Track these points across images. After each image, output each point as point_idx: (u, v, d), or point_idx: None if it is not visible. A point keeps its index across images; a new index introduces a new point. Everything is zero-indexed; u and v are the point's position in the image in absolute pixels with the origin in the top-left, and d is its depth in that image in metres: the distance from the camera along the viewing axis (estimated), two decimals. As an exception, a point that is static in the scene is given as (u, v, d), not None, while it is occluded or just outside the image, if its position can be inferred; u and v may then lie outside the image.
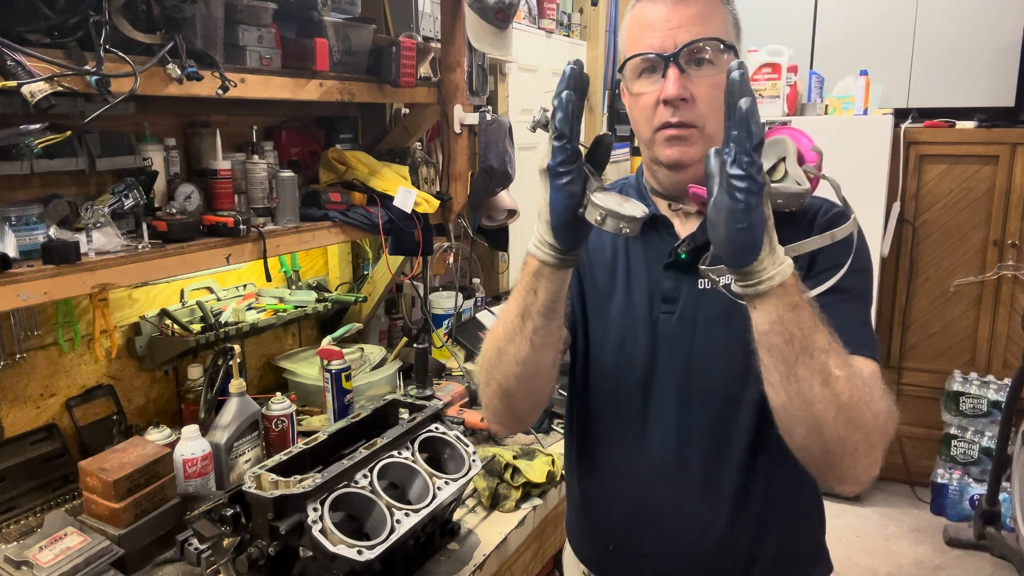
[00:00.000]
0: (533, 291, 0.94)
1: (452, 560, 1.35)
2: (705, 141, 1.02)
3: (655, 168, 1.10)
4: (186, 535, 1.27)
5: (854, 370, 0.86)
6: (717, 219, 0.80)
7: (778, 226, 0.99)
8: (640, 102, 1.04)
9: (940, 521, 3.45)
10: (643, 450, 1.10)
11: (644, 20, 1.03)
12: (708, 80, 1.00)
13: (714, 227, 0.81)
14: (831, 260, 0.98)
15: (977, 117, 3.59)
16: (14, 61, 1.11)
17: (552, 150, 0.86)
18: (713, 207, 0.80)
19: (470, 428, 1.78)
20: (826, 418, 0.84)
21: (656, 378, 1.08)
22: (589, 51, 3.65)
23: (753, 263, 0.81)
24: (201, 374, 1.74)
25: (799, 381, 0.83)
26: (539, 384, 1.04)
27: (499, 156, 2.09)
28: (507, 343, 0.99)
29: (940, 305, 3.68)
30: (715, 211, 0.80)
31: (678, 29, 0.99)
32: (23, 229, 1.29)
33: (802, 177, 0.98)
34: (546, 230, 0.90)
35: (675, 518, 1.09)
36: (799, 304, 0.82)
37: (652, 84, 1.02)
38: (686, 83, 0.99)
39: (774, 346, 0.84)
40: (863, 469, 0.89)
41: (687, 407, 1.06)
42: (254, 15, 1.55)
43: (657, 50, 1.00)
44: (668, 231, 1.11)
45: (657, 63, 1.01)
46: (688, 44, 0.99)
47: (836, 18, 3.94)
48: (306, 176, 1.93)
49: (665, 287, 1.08)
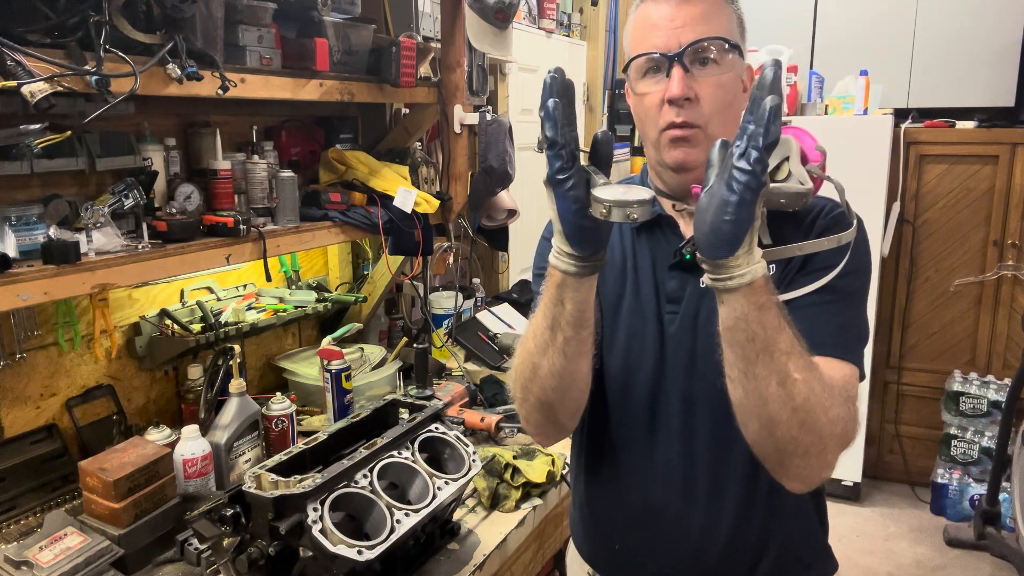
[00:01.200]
0: (560, 302, 0.94)
1: (452, 560, 1.35)
2: (709, 142, 1.00)
3: (660, 169, 1.10)
4: (186, 535, 1.27)
5: (816, 374, 0.87)
6: (707, 207, 0.80)
7: (778, 223, 1.00)
8: (645, 102, 1.04)
9: (940, 521, 3.45)
10: (649, 451, 1.10)
11: (648, 20, 1.02)
12: (712, 80, 1.00)
13: (701, 214, 0.81)
14: (825, 260, 0.99)
15: (977, 117, 3.59)
16: (14, 61, 1.11)
17: (548, 160, 0.87)
18: (707, 194, 0.80)
19: (470, 428, 1.78)
20: (779, 418, 0.86)
21: (663, 379, 1.08)
22: (589, 51, 3.64)
23: (728, 258, 0.81)
24: (201, 374, 1.74)
25: (756, 379, 0.85)
26: (577, 392, 1.04)
27: (499, 156, 2.09)
28: (540, 356, 0.99)
29: (940, 305, 3.68)
30: (707, 199, 0.80)
31: (682, 28, 0.99)
32: (23, 229, 1.29)
33: (805, 177, 0.98)
34: (561, 240, 0.90)
35: (680, 519, 1.09)
36: (765, 305, 0.83)
37: (656, 84, 1.02)
38: (690, 83, 0.99)
39: (736, 342, 0.85)
40: (813, 470, 0.91)
41: (691, 408, 1.06)
42: (254, 15, 1.55)
43: (661, 49, 1.00)
44: (673, 231, 1.10)
45: (661, 63, 1.00)
46: (692, 43, 0.98)
47: (836, 18, 3.93)
48: (306, 176, 1.93)
49: (670, 287, 1.08)
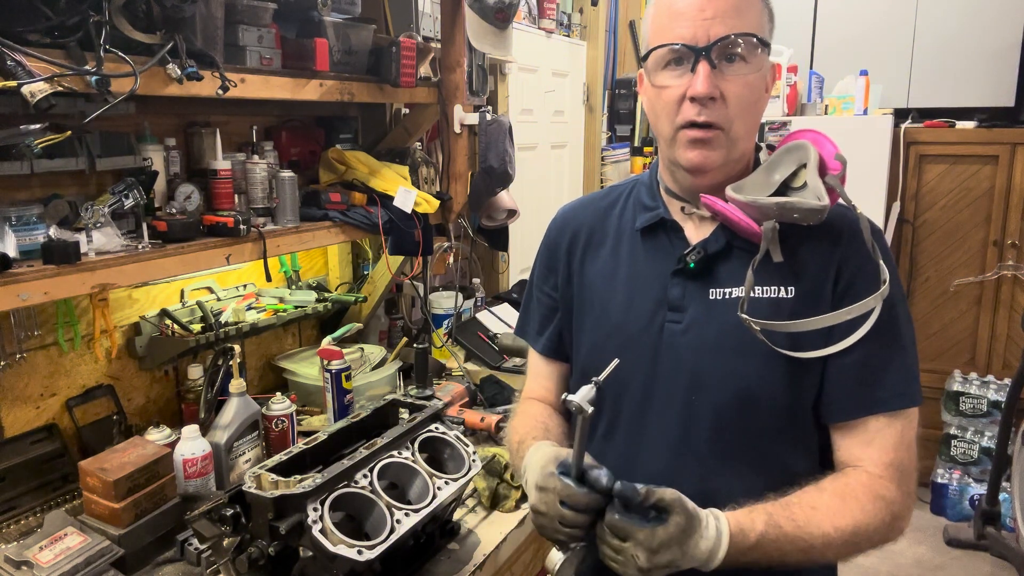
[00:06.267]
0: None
1: (452, 560, 1.35)
2: (729, 144, 0.97)
3: (673, 168, 1.04)
4: (186, 535, 1.27)
5: (848, 520, 0.93)
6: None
7: (793, 241, 0.98)
8: (663, 96, 0.97)
9: (940, 521, 3.45)
10: (638, 465, 1.05)
11: (674, 7, 0.95)
12: (740, 79, 0.94)
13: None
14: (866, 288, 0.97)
15: (977, 117, 3.59)
16: (14, 61, 1.11)
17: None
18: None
19: (470, 428, 1.78)
20: (827, 559, 0.96)
21: (656, 388, 1.04)
22: (589, 51, 3.64)
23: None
24: (201, 374, 1.74)
25: (791, 564, 0.92)
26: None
27: (499, 156, 2.09)
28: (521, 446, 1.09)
29: (940, 305, 3.68)
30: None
31: (712, 20, 0.92)
32: (23, 229, 1.29)
33: (822, 191, 0.94)
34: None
35: None
36: (756, 548, 0.89)
37: (678, 78, 0.95)
38: (717, 80, 0.93)
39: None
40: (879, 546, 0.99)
41: (688, 422, 1.02)
42: (254, 15, 1.55)
43: (688, 41, 0.93)
44: (678, 235, 1.06)
45: (686, 55, 0.94)
46: (722, 39, 0.92)
47: (836, 18, 3.94)
48: (306, 176, 1.93)
49: (673, 295, 1.03)
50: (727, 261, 1.03)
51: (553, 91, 3.33)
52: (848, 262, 0.99)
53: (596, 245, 1.14)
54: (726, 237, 1.03)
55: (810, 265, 0.99)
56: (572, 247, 1.16)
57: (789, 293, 0.99)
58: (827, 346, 0.97)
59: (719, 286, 1.02)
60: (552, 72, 3.31)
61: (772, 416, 0.99)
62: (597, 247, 1.14)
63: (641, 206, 1.11)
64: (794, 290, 0.99)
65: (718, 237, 1.03)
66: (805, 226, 0.96)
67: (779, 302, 0.99)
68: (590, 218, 1.16)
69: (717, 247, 1.02)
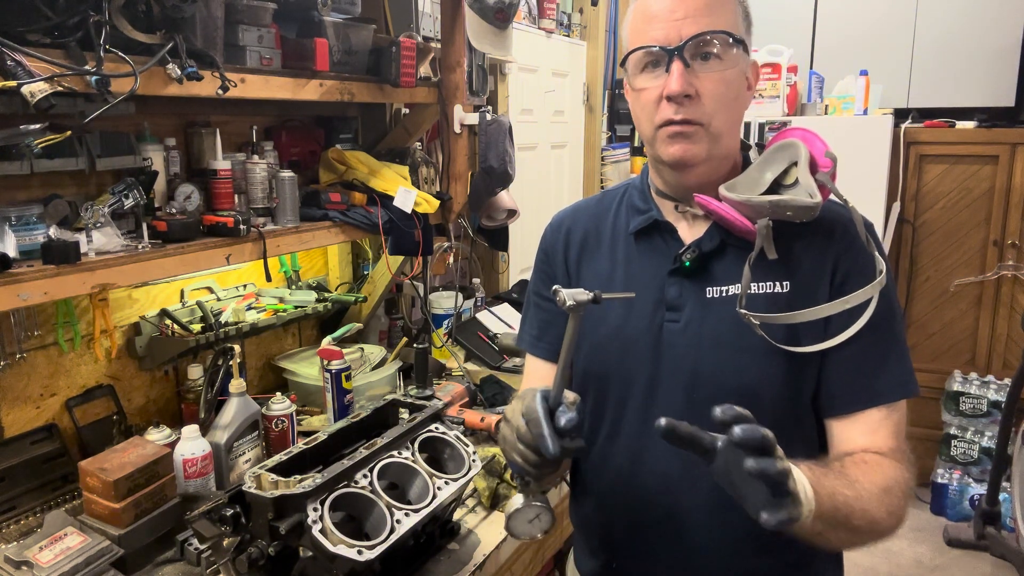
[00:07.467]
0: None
1: (452, 560, 1.35)
2: (711, 139, 0.98)
3: (660, 167, 1.06)
4: (186, 535, 1.27)
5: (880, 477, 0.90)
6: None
7: (786, 237, 0.98)
8: (642, 98, 1.00)
9: (940, 521, 3.45)
10: (644, 467, 1.05)
11: (648, 11, 0.97)
12: (714, 76, 0.96)
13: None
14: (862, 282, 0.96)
15: (977, 117, 3.59)
16: (14, 61, 1.11)
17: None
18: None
19: (470, 428, 1.78)
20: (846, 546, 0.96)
21: (659, 388, 1.04)
22: (589, 51, 3.64)
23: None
24: (201, 374, 1.74)
25: (829, 541, 0.89)
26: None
27: (499, 156, 2.09)
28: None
29: (940, 305, 3.68)
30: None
31: (683, 21, 0.94)
32: (23, 229, 1.29)
33: (814, 188, 0.95)
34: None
35: (677, 535, 1.05)
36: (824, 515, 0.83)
37: (655, 79, 0.97)
38: (691, 79, 0.95)
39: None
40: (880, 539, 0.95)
41: (691, 420, 0.98)
42: (254, 15, 1.55)
43: (661, 43, 0.95)
44: (672, 236, 1.07)
45: (660, 57, 0.96)
46: (694, 37, 0.94)
47: (836, 18, 3.94)
48: (306, 176, 1.93)
49: (670, 294, 1.04)
50: (722, 259, 1.04)
51: (553, 91, 3.33)
52: (843, 257, 1.00)
53: (592, 249, 1.15)
54: (720, 235, 1.04)
55: (804, 261, 1.00)
56: (568, 252, 1.17)
57: (784, 288, 1.00)
58: (825, 340, 0.97)
59: (715, 284, 1.03)
60: (552, 72, 3.31)
61: (773, 410, 0.99)
62: (593, 251, 1.14)
63: (634, 209, 1.12)
64: (789, 284, 1.00)
65: (712, 236, 1.04)
66: (798, 223, 0.97)
67: (775, 297, 1.00)
68: (584, 223, 1.17)
69: (712, 245, 1.03)
